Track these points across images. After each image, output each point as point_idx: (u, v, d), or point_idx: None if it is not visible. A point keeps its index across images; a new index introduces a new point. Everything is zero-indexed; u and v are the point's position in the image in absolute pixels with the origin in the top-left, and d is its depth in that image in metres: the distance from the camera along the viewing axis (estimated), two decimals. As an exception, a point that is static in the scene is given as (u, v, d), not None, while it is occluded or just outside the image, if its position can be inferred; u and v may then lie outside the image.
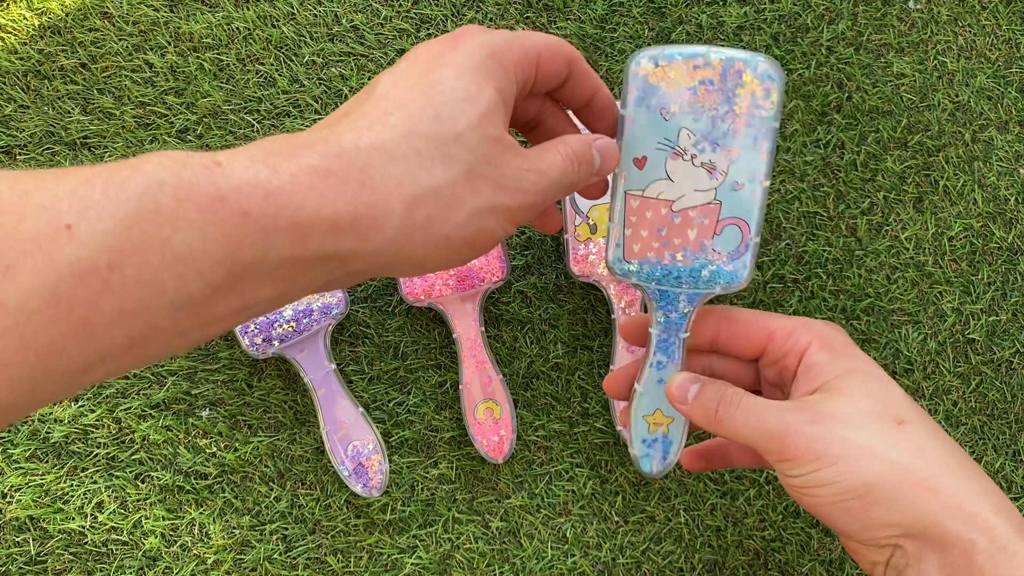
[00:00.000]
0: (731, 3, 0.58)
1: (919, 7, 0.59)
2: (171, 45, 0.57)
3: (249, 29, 0.57)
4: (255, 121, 0.57)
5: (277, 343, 0.54)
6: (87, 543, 0.55)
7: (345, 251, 0.28)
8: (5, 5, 0.56)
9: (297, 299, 0.30)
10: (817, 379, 0.38)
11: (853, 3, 0.59)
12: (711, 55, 0.37)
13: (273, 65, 0.57)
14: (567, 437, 0.57)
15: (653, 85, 0.37)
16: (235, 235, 0.25)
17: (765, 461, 0.46)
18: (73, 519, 0.55)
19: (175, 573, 0.55)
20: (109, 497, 0.55)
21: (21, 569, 0.54)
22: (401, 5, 0.58)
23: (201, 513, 0.55)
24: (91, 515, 0.55)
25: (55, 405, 0.55)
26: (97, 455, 0.55)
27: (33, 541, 0.55)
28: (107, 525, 0.55)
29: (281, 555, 0.55)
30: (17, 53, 0.56)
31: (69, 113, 0.56)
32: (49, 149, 0.56)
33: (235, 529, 0.55)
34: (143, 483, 0.55)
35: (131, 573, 0.55)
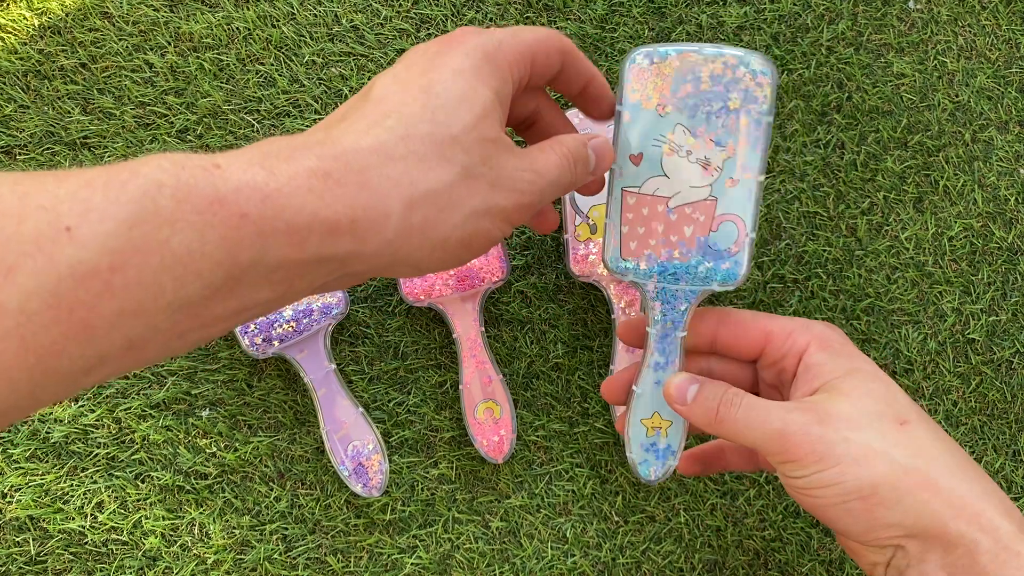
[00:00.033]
0: (731, 3, 0.58)
1: (919, 7, 0.59)
2: (171, 45, 0.57)
3: (249, 29, 0.57)
4: (255, 121, 0.57)
5: (277, 343, 0.54)
6: (87, 543, 0.55)
7: (343, 253, 0.28)
8: (5, 5, 0.56)
9: (296, 300, 0.30)
10: (817, 379, 0.38)
11: (853, 3, 0.59)
12: (705, 52, 0.37)
13: (273, 65, 0.57)
14: (567, 437, 0.57)
15: (649, 82, 0.38)
16: (233, 237, 0.25)
17: (762, 464, 0.46)
18: (73, 519, 0.55)
19: (175, 573, 0.55)
20: (109, 497, 0.55)
21: (21, 569, 0.54)
22: (401, 5, 0.58)
23: (201, 513, 0.55)
24: (91, 515, 0.55)
25: (55, 405, 0.55)
26: (97, 455, 0.55)
27: (33, 541, 0.55)
28: (107, 525, 0.55)
29: (281, 555, 0.55)
30: (17, 53, 0.56)
31: (69, 113, 0.56)
32: (49, 149, 0.56)
33: (235, 529, 0.56)
34: (143, 483, 0.55)
35: (131, 573, 0.55)
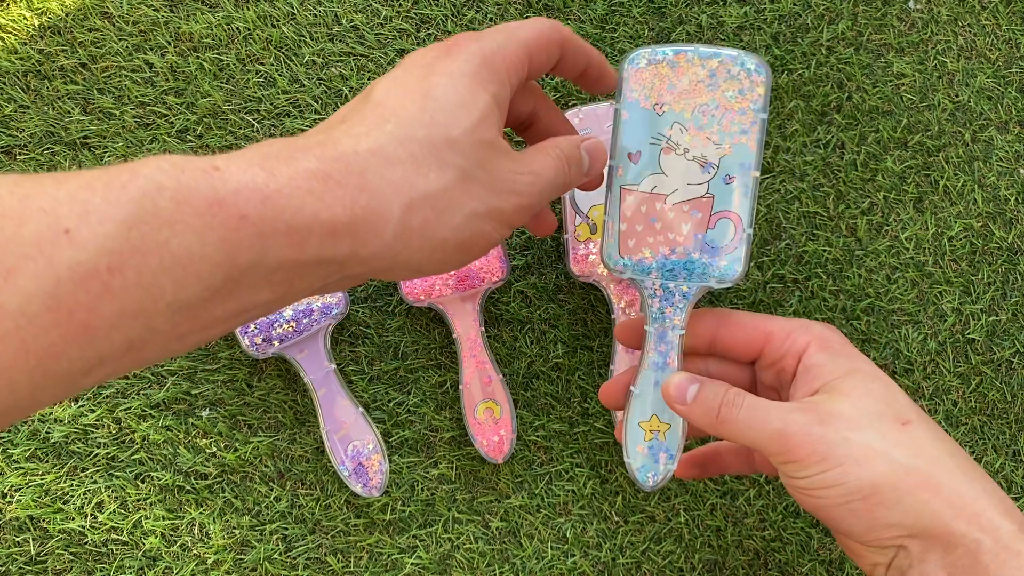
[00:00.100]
0: (731, 3, 0.58)
1: (919, 7, 0.59)
2: (171, 45, 0.57)
3: (249, 29, 0.57)
4: (255, 121, 0.57)
5: (277, 343, 0.54)
6: (87, 543, 0.55)
7: (343, 255, 0.28)
8: (5, 5, 0.56)
9: (295, 302, 0.30)
10: (817, 380, 0.38)
11: (853, 3, 0.59)
12: (700, 52, 0.39)
13: (273, 65, 0.57)
14: (567, 437, 0.57)
15: (646, 82, 0.39)
16: (233, 238, 0.25)
17: (758, 467, 0.46)
18: (73, 519, 0.55)
19: (175, 573, 0.55)
20: (109, 497, 0.55)
21: (21, 569, 0.54)
22: (401, 5, 0.58)
23: (201, 513, 0.55)
24: (91, 515, 0.55)
25: (55, 405, 0.55)
26: (97, 455, 0.55)
27: (33, 541, 0.55)
28: (107, 525, 0.55)
29: (281, 555, 0.56)
30: (17, 53, 0.56)
31: (69, 113, 0.56)
32: (49, 149, 0.56)
33: (235, 529, 0.56)
34: (143, 483, 0.56)
35: (131, 573, 0.55)
